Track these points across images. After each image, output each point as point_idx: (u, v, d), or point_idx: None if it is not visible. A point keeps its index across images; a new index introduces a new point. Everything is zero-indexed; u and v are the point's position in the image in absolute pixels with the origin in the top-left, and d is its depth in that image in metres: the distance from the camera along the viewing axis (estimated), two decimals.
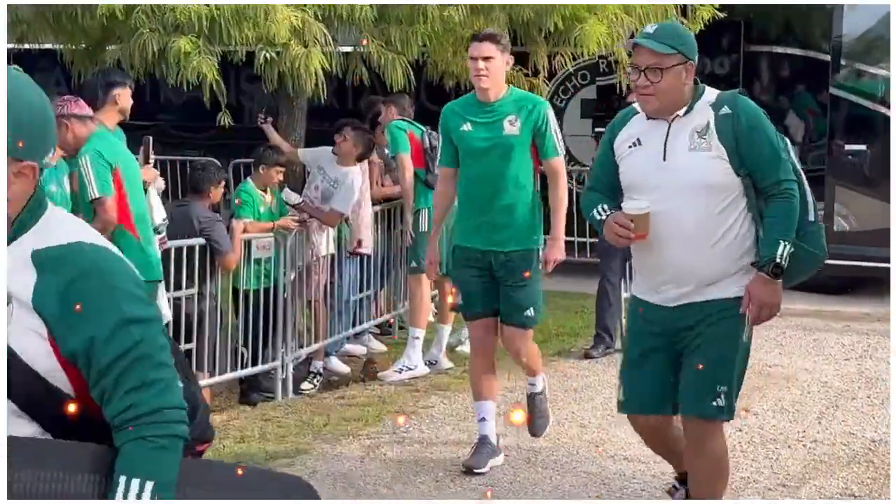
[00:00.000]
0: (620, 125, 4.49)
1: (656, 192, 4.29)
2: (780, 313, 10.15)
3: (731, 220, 4.32)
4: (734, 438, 6.37)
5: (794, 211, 4.29)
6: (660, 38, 4.24)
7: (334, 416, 6.89)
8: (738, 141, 4.24)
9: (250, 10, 7.92)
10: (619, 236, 4.31)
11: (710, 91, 4.37)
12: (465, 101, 6.04)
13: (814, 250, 4.42)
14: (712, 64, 11.61)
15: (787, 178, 4.29)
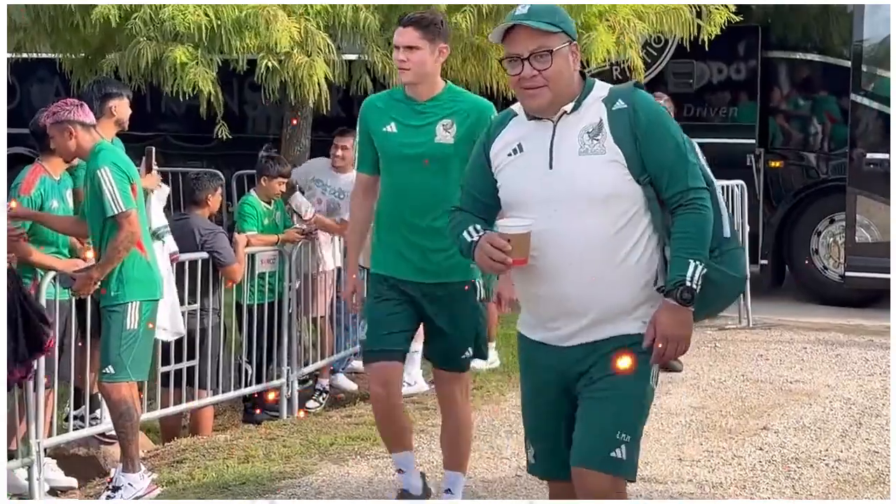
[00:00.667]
0: (497, 129, 3.76)
1: (542, 207, 3.58)
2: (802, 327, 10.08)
3: (634, 240, 3.58)
4: (753, 458, 6.19)
5: (707, 224, 3.57)
6: (539, 16, 3.54)
7: (341, 436, 6.74)
8: (638, 141, 3.54)
9: (251, 19, 7.78)
10: (494, 261, 3.52)
11: (600, 84, 3.66)
12: (390, 96, 5.02)
13: (731, 273, 3.66)
14: (729, 70, 11.41)
15: (696, 186, 3.57)
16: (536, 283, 3.64)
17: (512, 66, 3.57)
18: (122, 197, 5.64)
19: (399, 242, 4.91)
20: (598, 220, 3.54)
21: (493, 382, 7.98)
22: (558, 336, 3.66)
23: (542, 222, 3.55)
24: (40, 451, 5.91)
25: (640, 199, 3.57)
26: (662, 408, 7.25)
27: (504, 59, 3.63)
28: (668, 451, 6.36)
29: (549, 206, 3.57)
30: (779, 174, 11.35)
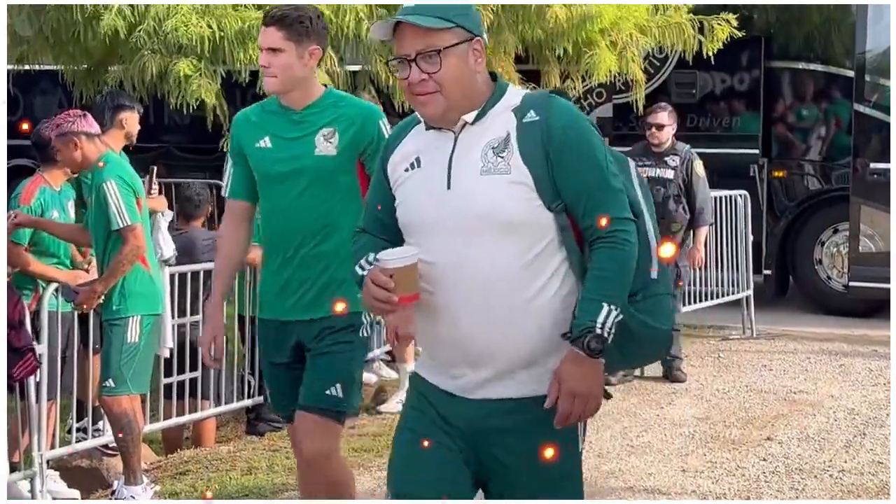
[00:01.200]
0: (396, 140, 3.20)
1: (439, 233, 3.01)
2: (806, 337, 10.06)
3: (546, 277, 3.00)
4: (757, 468, 6.18)
5: (628, 262, 2.99)
6: (427, 10, 2.97)
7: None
8: (550, 161, 2.96)
9: (254, 31, 7.80)
10: (378, 301, 2.96)
11: (514, 91, 3.09)
12: (263, 108, 4.35)
13: (654, 323, 3.07)
14: (732, 80, 11.42)
15: (619, 216, 2.99)
16: (434, 322, 3.06)
17: (401, 68, 3.02)
18: (127, 211, 5.64)
19: (280, 276, 4.26)
20: (501, 251, 2.97)
21: None
22: (462, 386, 3.06)
23: (438, 251, 3.00)
24: (43, 464, 5.90)
25: (553, 230, 2.99)
26: (666, 418, 7.24)
27: (390, 61, 3.12)
28: (672, 461, 6.34)
29: (445, 233, 3.00)
30: (782, 184, 11.34)
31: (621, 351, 3.01)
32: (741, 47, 10.03)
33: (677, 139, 8.41)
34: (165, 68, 7.81)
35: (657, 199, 8.05)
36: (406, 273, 2.95)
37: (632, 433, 6.91)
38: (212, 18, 7.82)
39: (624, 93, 11.04)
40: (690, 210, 8.15)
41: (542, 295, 3.00)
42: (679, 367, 8.30)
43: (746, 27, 10.18)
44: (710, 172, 8.68)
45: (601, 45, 9.14)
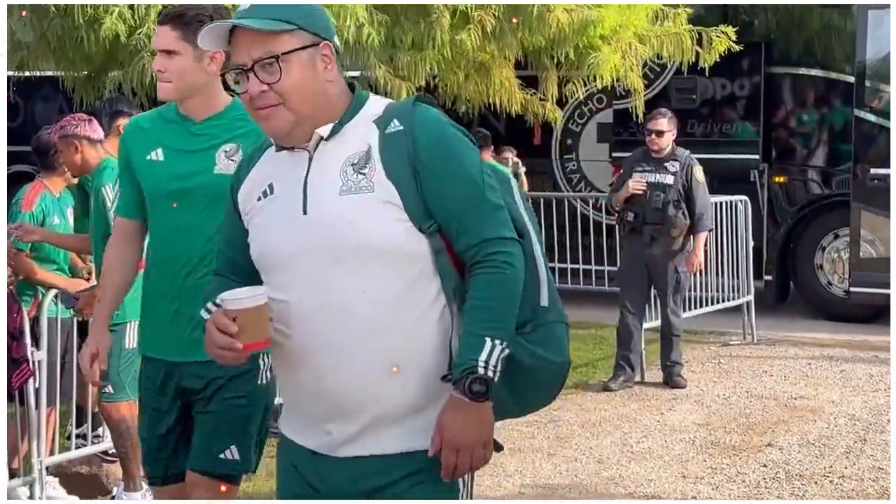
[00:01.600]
0: (246, 166, 2.81)
1: (294, 267, 2.63)
2: (806, 343, 10.05)
3: (423, 308, 2.60)
4: (757, 474, 6.17)
5: (512, 287, 2.59)
6: (262, 12, 2.60)
7: None
8: (419, 176, 2.59)
9: None
10: (220, 348, 2.57)
11: (375, 100, 2.73)
12: (160, 115, 3.82)
13: (547, 355, 2.67)
14: (732, 86, 11.42)
15: (498, 236, 2.59)
16: (293, 369, 2.68)
17: (240, 81, 2.63)
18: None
19: (167, 308, 3.72)
20: (367, 282, 2.57)
21: None
22: (329, 443, 2.66)
23: (295, 288, 2.61)
24: (42, 470, 5.88)
25: (427, 255, 2.60)
26: (666, 424, 7.23)
27: (227, 72, 2.72)
28: (672, 468, 6.33)
29: (303, 265, 2.61)
30: (783, 190, 11.34)
31: (512, 391, 2.64)
32: (741, 53, 10.02)
33: (677, 145, 8.41)
34: None
35: (657, 204, 8.05)
36: (252, 315, 2.55)
37: (632, 439, 6.90)
38: None
39: (624, 98, 11.04)
40: (690, 215, 8.15)
41: (417, 331, 2.59)
42: (679, 373, 8.29)
43: (746, 33, 10.19)
44: (711, 178, 8.68)
45: (604, 49, 9.14)
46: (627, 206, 8.19)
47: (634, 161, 8.36)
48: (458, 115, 11.13)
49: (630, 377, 8.27)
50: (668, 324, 8.29)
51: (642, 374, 8.42)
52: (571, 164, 12.15)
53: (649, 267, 8.21)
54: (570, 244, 11.51)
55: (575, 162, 12.14)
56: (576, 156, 12.13)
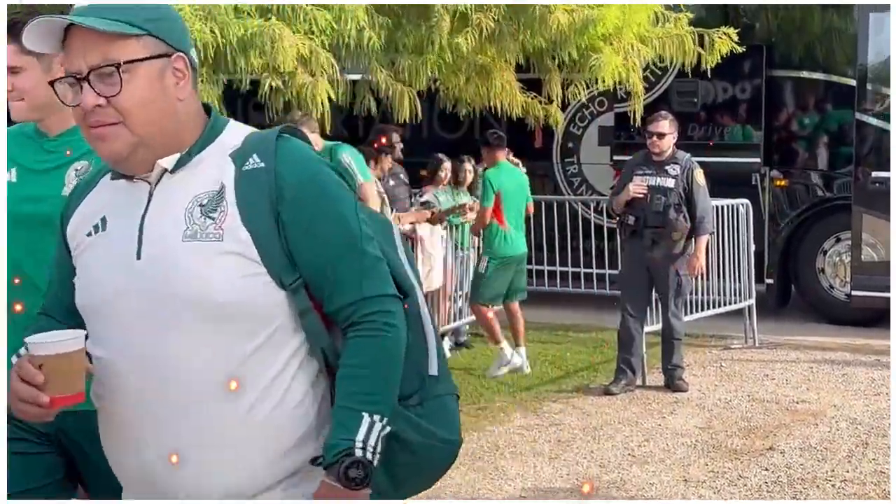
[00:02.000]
0: (78, 196, 2.40)
1: (121, 320, 2.23)
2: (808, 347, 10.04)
3: (273, 375, 2.19)
4: (759, 478, 6.15)
5: (393, 352, 2.22)
6: (105, 11, 2.20)
7: None
8: (282, 221, 2.18)
9: (257, 39, 7.79)
10: (22, 401, 2.16)
11: (234, 128, 2.33)
12: (20, 130, 3.34)
13: (437, 432, 2.32)
14: (734, 89, 11.41)
15: (377, 293, 2.22)
16: (113, 441, 2.28)
17: (71, 92, 2.22)
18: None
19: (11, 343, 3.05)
20: (207, 344, 2.16)
21: (498, 403, 7.95)
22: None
23: (118, 344, 2.21)
24: None
25: (287, 314, 2.20)
26: (668, 428, 7.21)
27: (55, 81, 2.29)
28: (674, 471, 6.32)
29: (130, 319, 2.20)
30: (784, 193, 11.33)
31: (390, 473, 2.26)
32: (743, 56, 10.01)
33: (678, 148, 8.40)
34: None
35: (658, 208, 8.04)
36: (61, 364, 2.15)
37: (633, 443, 6.89)
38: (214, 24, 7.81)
39: (625, 101, 11.03)
40: (691, 219, 8.14)
41: (267, 403, 2.18)
42: (681, 377, 8.28)
43: (748, 36, 10.18)
44: (712, 181, 8.67)
45: (605, 50, 9.14)
46: (628, 209, 8.18)
47: (635, 164, 8.35)
48: (460, 119, 11.15)
49: (631, 381, 8.26)
50: (669, 327, 8.28)
51: (643, 377, 8.41)
52: (572, 168, 12.15)
53: (650, 270, 8.20)
54: (571, 247, 11.50)
55: (576, 165, 12.13)
56: (577, 159, 12.13)
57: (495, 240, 8.98)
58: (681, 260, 8.17)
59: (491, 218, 8.89)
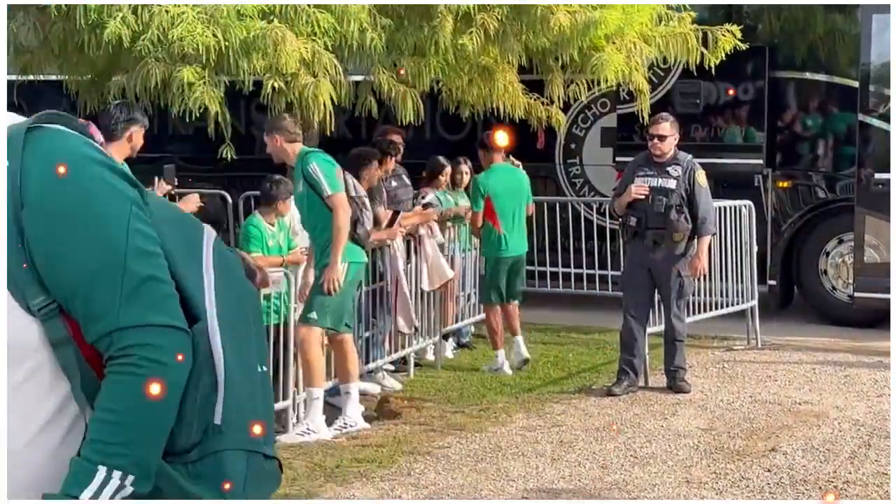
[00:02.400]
0: None
1: None
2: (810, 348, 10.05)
3: (42, 419, 1.83)
4: (762, 479, 6.15)
5: (146, 398, 1.80)
6: None
7: (346, 458, 6.69)
8: (27, 231, 1.81)
9: (259, 41, 7.80)
10: None
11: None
12: None
13: (202, 494, 1.87)
14: (736, 90, 11.41)
15: (139, 322, 1.81)
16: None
17: None
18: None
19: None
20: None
21: (500, 404, 7.95)
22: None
23: None
24: None
25: (39, 345, 1.82)
26: (670, 429, 7.21)
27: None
28: (676, 472, 6.32)
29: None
30: (787, 194, 11.32)
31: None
32: (745, 57, 10.02)
33: (680, 149, 8.40)
34: (169, 76, 7.82)
35: (659, 209, 8.03)
36: None
37: (636, 444, 6.89)
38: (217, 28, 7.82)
39: (628, 103, 11.03)
40: (693, 220, 8.13)
41: (35, 451, 1.83)
42: (683, 378, 8.27)
43: (750, 37, 10.17)
44: (715, 183, 8.67)
45: (607, 50, 9.14)
46: (630, 210, 8.18)
47: (637, 165, 8.34)
48: (462, 121, 11.15)
49: (633, 382, 8.25)
50: (671, 328, 8.27)
51: (646, 378, 8.40)
52: (575, 169, 12.15)
53: (652, 271, 8.20)
54: (574, 248, 11.52)
55: (578, 166, 12.13)
56: (579, 160, 12.13)
57: (490, 241, 9.15)
58: (683, 261, 8.17)
59: (486, 220, 9.01)
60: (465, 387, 8.80)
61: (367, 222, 7.33)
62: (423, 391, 8.74)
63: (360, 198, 7.25)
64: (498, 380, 8.93)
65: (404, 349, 9.16)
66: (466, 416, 7.66)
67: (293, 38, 7.83)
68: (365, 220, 7.26)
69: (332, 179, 6.98)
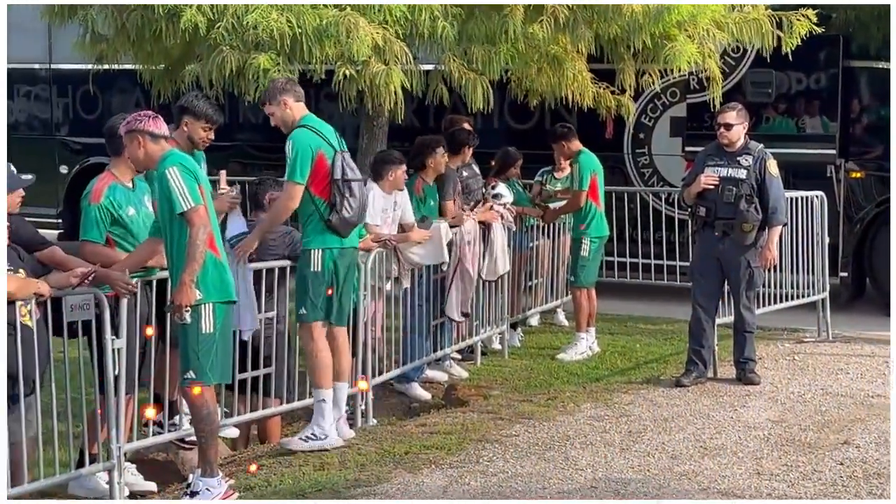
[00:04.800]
0: None
1: None
2: (883, 341, 9.88)
3: None
4: (834, 472, 6.10)
5: None
6: None
7: (415, 444, 6.72)
8: None
9: (332, 28, 7.84)
10: None
11: None
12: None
13: None
14: (809, 79, 11.26)
15: None
16: None
17: None
18: (190, 194, 5.66)
19: None
20: None
21: (568, 393, 7.94)
22: None
23: None
24: (121, 456, 5.99)
25: None
26: (740, 420, 7.16)
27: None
28: (746, 464, 6.27)
29: None
30: (859, 185, 11.16)
31: None
32: (819, 46, 9.90)
33: (751, 139, 8.32)
34: (244, 63, 7.88)
35: (729, 199, 7.95)
36: None
37: (705, 435, 6.84)
38: (290, 14, 7.87)
39: (698, 92, 10.94)
40: (763, 210, 8.05)
41: None
42: (753, 370, 8.20)
43: (825, 25, 10.04)
44: (786, 173, 8.58)
45: (679, 38, 9.07)
46: (700, 200, 8.11)
47: (707, 155, 8.27)
48: (531, 110, 11.13)
49: (702, 373, 8.19)
50: (741, 319, 8.20)
51: (714, 370, 8.34)
52: (644, 159, 12.07)
53: (721, 262, 8.13)
54: (642, 239, 11.46)
55: (647, 156, 12.05)
56: (648, 150, 12.04)
57: (593, 220, 9.44)
58: (752, 252, 8.09)
59: (588, 199, 9.35)
60: (532, 376, 8.81)
61: (347, 210, 6.59)
62: (489, 379, 8.76)
63: (347, 181, 6.61)
64: (565, 369, 8.92)
65: (472, 337, 9.18)
66: (534, 404, 7.66)
67: (366, 24, 7.85)
68: (344, 207, 6.58)
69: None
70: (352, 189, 6.56)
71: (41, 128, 14.53)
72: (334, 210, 6.56)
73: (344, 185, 6.54)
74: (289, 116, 6.71)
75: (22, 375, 5.46)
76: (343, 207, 6.54)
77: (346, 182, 6.55)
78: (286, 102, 6.69)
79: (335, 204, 6.56)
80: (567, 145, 9.53)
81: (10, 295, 5.36)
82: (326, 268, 6.63)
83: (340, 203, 6.55)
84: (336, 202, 6.56)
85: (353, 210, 6.59)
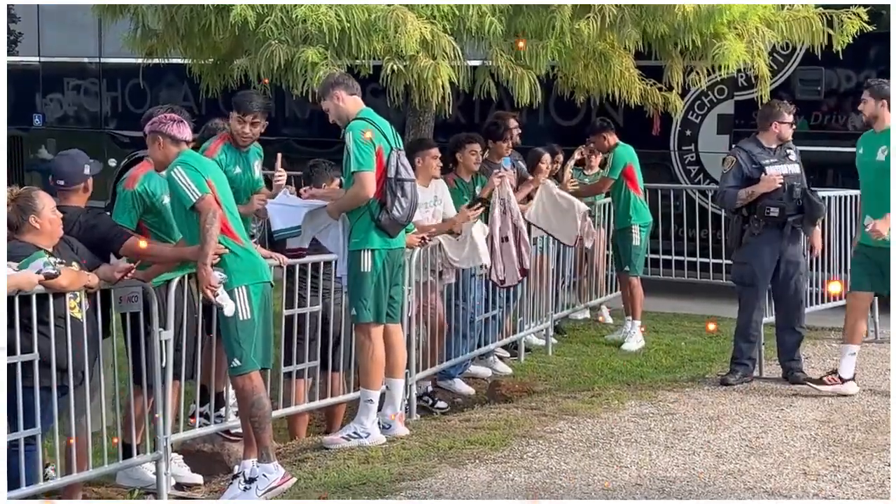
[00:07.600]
0: None
1: None
2: None
3: None
4: (882, 473, 6.14)
5: None
6: None
7: (459, 439, 6.73)
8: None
9: (380, 23, 7.86)
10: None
11: None
12: None
13: None
14: (859, 77, 11.13)
15: None
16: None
17: None
18: (196, 187, 5.73)
19: None
20: None
21: (612, 390, 7.92)
22: None
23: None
24: (168, 447, 6.04)
25: None
26: (786, 420, 7.11)
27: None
28: (793, 464, 6.23)
29: None
30: None
31: None
32: (869, 43, 9.77)
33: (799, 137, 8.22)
34: (292, 57, 7.92)
35: (795, 194, 7.82)
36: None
37: (751, 434, 6.80)
38: (339, 8, 7.90)
39: (746, 89, 10.86)
40: None
41: None
42: (800, 369, 8.13)
43: (875, 23, 9.94)
44: (834, 171, 8.50)
45: (729, 37, 9.00)
46: (767, 200, 7.86)
47: (752, 154, 7.98)
48: (577, 106, 11.10)
49: (748, 372, 8.13)
50: (796, 318, 8.04)
51: (760, 369, 8.29)
52: (690, 156, 12.00)
53: (783, 260, 7.92)
54: (687, 236, 11.41)
55: (694, 154, 11.99)
56: (695, 147, 11.97)
57: (637, 209, 9.81)
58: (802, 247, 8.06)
59: (628, 188, 9.74)
60: (576, 373, 8.80)
61: (398, 209, 6.52)
62: (533, 376, 8.76)
63: (400, 180, 6.54)
64: (609, 366, 8.90)
65: (516, 334, 9.18)
66: (578, 401, 7.64)
67: (414, 18, 7.86)
68: (395, 206, 6.50)
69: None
70: (404, 189, 6.49)
71: (90, 121, 14.72)
72: (384, 209, 6.48)
73: (397, 185, 6.47)
74: (343, 111, 6.63)
75: (71, 367, 5.51)
76: (394, 207, 6.47)
77: (399, 181, 6.47)
78: (339, 96, 6.62)
79: (386, 203, 6.48)
80: (607, 138, 9.87)
81: (63, 288, 5.43)
82: (375, 268, 6.57)
83: (392, 202, 6.47)
84: (388, 201, 6.48)
85: (404, 210, 6.51)
